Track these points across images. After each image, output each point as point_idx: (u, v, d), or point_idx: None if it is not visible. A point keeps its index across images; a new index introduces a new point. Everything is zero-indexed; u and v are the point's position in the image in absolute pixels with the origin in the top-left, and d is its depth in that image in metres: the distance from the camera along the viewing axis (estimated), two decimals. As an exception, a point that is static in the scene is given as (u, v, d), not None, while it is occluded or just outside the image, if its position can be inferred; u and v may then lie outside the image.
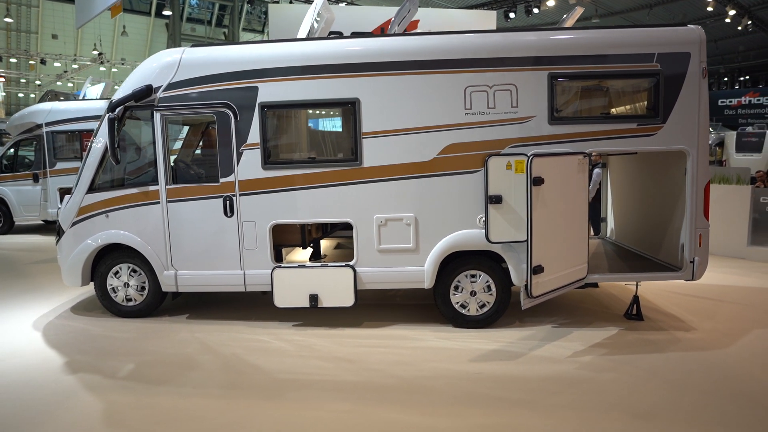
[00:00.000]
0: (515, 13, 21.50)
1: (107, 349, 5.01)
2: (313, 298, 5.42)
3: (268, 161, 5.38)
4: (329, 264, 5.48)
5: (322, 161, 5.45)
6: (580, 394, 4.07)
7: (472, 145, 5.27)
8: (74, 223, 5.78)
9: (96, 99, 11.84)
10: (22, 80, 34.16)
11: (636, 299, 5.82)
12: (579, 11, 6.23)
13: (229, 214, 5.46)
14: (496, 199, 5.17)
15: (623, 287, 6.94)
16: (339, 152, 5.49)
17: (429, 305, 6.23)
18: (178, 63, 5.40)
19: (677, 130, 5.20)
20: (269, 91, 5.30)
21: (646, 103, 5.29)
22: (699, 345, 5.03)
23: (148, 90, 5.39)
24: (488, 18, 13.59)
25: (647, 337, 5.24)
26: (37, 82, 33.86)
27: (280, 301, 5.46)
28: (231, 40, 38.30)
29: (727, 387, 4.17)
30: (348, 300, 5.42)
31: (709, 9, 22.03)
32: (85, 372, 4.48)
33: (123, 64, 27.13)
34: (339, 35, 8.41)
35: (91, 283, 5.97)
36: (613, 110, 5.38)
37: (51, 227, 13.00)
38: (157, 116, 5.45)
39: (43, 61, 24.91)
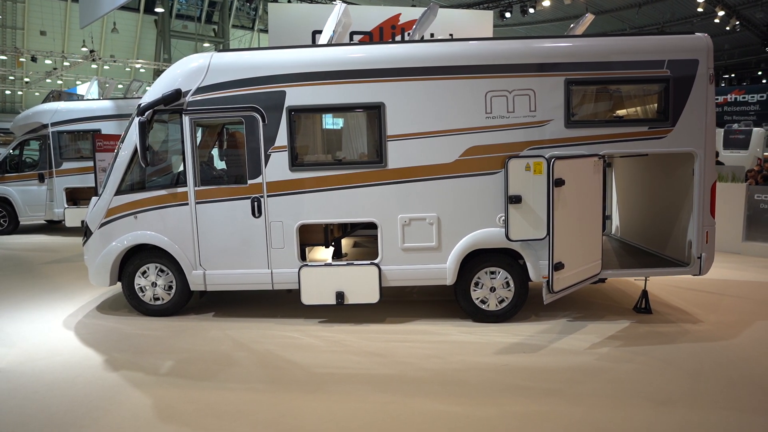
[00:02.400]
0: (511, 13, 21.79)
1: (142, 346, 5.16)
2: (340, 296, 5.61)
3: (295, 163, 5.56)
4: (355, 262, 5.67)
5: (348, 163, 5.64)
6: (603, 383, 4.32)
7: (492, 148, 5.49)
8: (102, 224, 5.90)
9: (100, 99, 11.84)
10: (10, 77, 33.67)
11: (645, 294, 6.11)
12: (590, 18, 6.47)
13: (257, 215, 5.63)
14: (516, 199, 5.40)
15: (629, 282, 7.24)
16: (364, 154, 5.68)
17: (446, 301, 6.46)
18: (206, 67, 5.54)
19: (686, 133, 5.48)
20: (296, 96, 5.48)
21: (656, 107, 5.56)
22: (707, 336, 5.32)
23: (177, 94, 5.53)
24: (484, 17, 13.78)
25: (658, 330, 5.52)
26: (26, 80, 33.40)
27: (308, 298, 5.65)
28: (221, 36, 38.21)
29: (737, 374, 4.46)
30: (373, 297, 5.63)
31: (700, 10, 22.49)
32: (126, 369, 4.63)
33: (114, 61, 26.90)
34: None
35: (118, 285, 6.10)
36: (626, 114, 5.65)
37: (55, 227, 13.01)
38: (186, 119, 5.59)
39: (33, 59, 24.62)
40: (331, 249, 6.44)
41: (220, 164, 6.55)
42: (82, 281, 7.48)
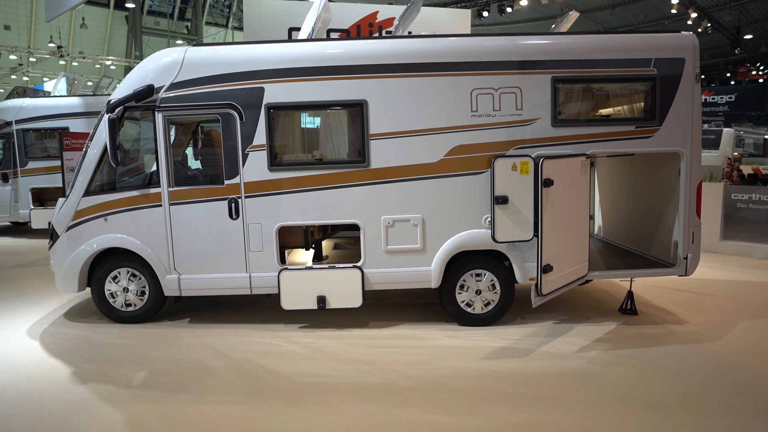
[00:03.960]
0: (488, 12, 21.82)
1: (113, 356, 4.88)
2: (321, 300, 5.41)
3: (274, 163, 5.34)
4: (337, 265, 5.48)
5: (330, 162, 5.44)
6: (594, 388, 4.22)
7: (478, 147, 5.36)
8: (70, 227, 5.58)
9: (68, 96, 11.36)
10: (-27, 73, 32.35)
11: (630, 295, 6.07)
12: (574, 16, 6.41)
13: (234, 217, 5.39)
14: (502, 200, 5.28)
15: (613, 283, 7.21)
16: (346, 154, 5.49)
17: (430, 304, 6.32)
18: (181, 62, 5.28)
19: (672, 133, 5.43)
20: (276, 92, 5.25)
21: (643, 106, 5.50)
22: (694, 337, 5.29)
23: (149, 90, 5.25)
24: (462, 16, 13.72)
25: (645, 331, 5.47)
26: (-11, 75, 32.12)
27: (288, 303, 5.44)
28: (194, 34, 37.45)
29: (727, 376, 4.41)
30: (356, 301, 5.45)
31: (673, 11, 22.86)
32: (96, 382, 4.35)
33: (84, 57, 26.04)
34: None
35: (87, 290, 5.79)
36: (612, 113, 5.58)
37: (20, 229, 12.46)
38: (158, 117, 5.31)
39: (-2, 54, 23.68)
40: (312, 251, 6.23)
41: (195, 164, 6.28)
42: (49, 287, 7.11)
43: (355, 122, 5.38)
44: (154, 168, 5.49)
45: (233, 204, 5.37)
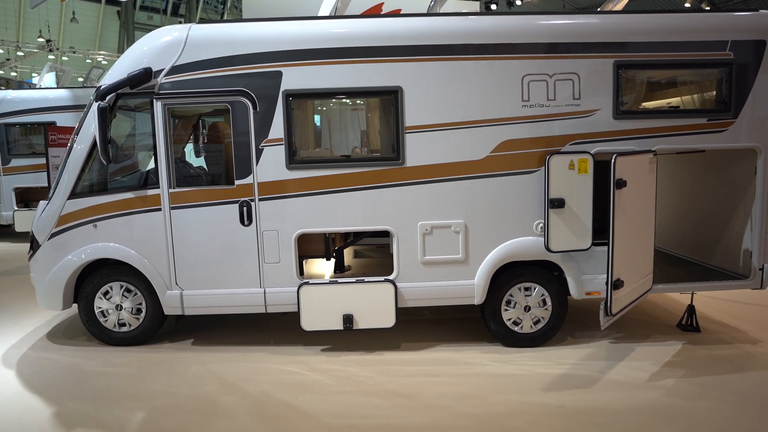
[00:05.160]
0: (497, 5, 21.13)
1: (105, 391, 4.10)
2: (348, 320, 4.67)
3: (293, 160, 4.58)
4: (366, 279, 4.73)
5: (358, 160, 4.69)
6: (683, 428, 3.51)
7: (529, 142, 4.65)
8: (53, 235, 4.79)
9: (55, 87, 10.52)
10: (-43, 68, 31.22)
11: (692, 309, 5.38)
12: (628, -5, 5.69)
13: (246, 223, 4.63)
14: (558, 203, 4.57)
15: (662, 294, 6.51)
16: (378, 149, 4.74)
17: (464, 319, 5.59)
18: (183, 42, 4.51)
19: (749, 126, 4.74)
20: (295, 77, 4.50)
21: (716, 96, 4.80)
22: (777, 361, 4.60)
23: (146, 74, 4.48)
24: (470, 8, 13.11)
25: (717, 353, 4.77)
26: (-25, 71, 31.02)
27: (309, 323, 4.68)
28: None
29: (838, 414, 3.72)
30: (388, 320, 4.71)
31: (687, 5, 22.16)
32: (84, 427, 3.57)
33: (74, 52, 25.07)
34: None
35: (74, 306, 5.00)
36: (681, 104, 4.87)
37: (3, 232, 11.58)
38: (158, 106, 4.54)
39: (-17, 48, 22.67)
40: (332, 261, 5.47)
41: (200, 161, 5.50)
42: (31, 299, 6.30)
43: (387, 113, 4.64)
44: (152, 166, 4.71)
45: (245, 208, 4.61)
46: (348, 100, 4.85)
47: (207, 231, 4.66)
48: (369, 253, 6.12)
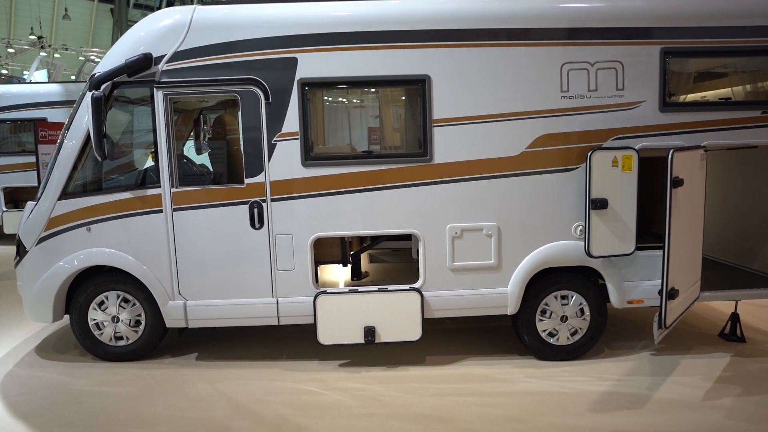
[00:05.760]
0: None
1: (100, 415, 3.64)
2: (369, 332, 4.23)
3: (309, 156, 4.14)
4: (390, 287, 4.30)
5: (381, 156, 4.26)
6: (762, 460, 3.11)
7: (568, 137, 4.23)
8: (42, 239, 4.32)
9: (46, 82, 10.02)
10: (-55, 66, 30.46)
11: (736, 318, 4.99)
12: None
13: (257, 225, 4.19)
14: (601, 204, 4.16)
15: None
16: (402, 145, 4.32)
17: (488, 329, 5.17)
18: (187, 25, 4.06)
19: (807, 120, 4.35)
20: (312, 64, 4.06)
21: (770, 86, 4.41)
22: (839, 376, 4.21)
23: (146, 60, 4.03)
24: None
25: (771, 366, 4.38)
26: (-36, 68, 30.28)
27: (327, 336, 4.24)
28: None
29: None
30: (414, 333, 4.28)
31: None
32: (76, 459, 3.12)
33: (66, 49, 24.45)
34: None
35: (62, 318, 4.54)
36: (733, 95, 4.48)
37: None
38: (159, 96, 4.09)
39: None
40: (349, 267, 5.04)
41: (203, 158, 5.06)
42: (20, 307, 5.81)
43: (413, 104, 4.21)
44: (152, 163, 4.26)
45: (256, 209, 4.17)
46: (370, 90, 4.42)
47: (213, 235, 4.21)
48: (384, 257, 5.69)
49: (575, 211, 4.29)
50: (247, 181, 4.17)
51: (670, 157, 3.67)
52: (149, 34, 4.12)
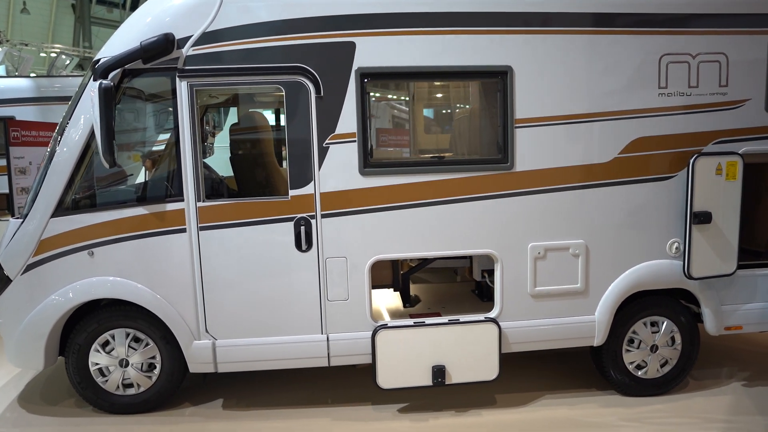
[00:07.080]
0: None
1: (118, 496, 2.83)
2: (439, 373, 3.54)
3: (369, 162, 3.42)
4: (461, 318, 3.61)
5: (453, 163, 3.58)
6: None
7: (666, 140, 3.66)
8: (30, 266, 3.45)
9: (12, 76, 8.92)
10: None
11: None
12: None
13: (304, 247, 3.44)
14: (704, 218, 3.60)
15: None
16: (477, 149, 3.65)
17: (544, 357, 4.56)
18: (219, 1, 3.29)
19: None
20: (374, 51, 3.35)
21: None
22: None
23: (167, 43, 3.23)
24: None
25: None
26: None
27: (389, 379, 3.53)
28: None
29: None
30: (490, 371, 3.62)
31: None
32: None
33: (26, 45, 22.77)
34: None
35: (54, 363, 3.68)
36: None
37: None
38: (182, 86, 3.29)
39: None
40: (398, 293, 4.32)
41: (220, 163, 4.25)
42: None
43: (491, 101, 3.55)
44: (172, 169, 3.46)
45: (303, 227, 3.42)
46: (442, 83, 3.73)
47: (249, 259, 3.43)
48: (428, 278, 4.99)
49: (670, 225, 3.71)
50: (291, 192, 3.41)
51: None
52: (169, 10, 3.32)
